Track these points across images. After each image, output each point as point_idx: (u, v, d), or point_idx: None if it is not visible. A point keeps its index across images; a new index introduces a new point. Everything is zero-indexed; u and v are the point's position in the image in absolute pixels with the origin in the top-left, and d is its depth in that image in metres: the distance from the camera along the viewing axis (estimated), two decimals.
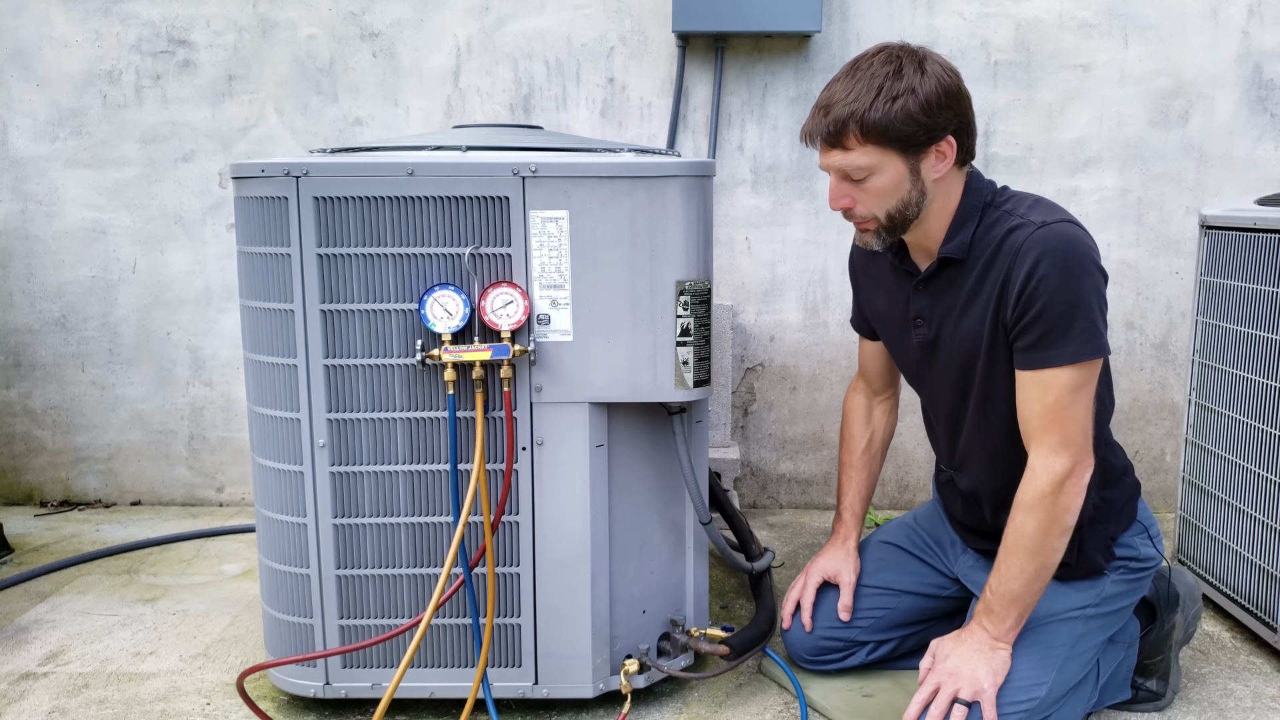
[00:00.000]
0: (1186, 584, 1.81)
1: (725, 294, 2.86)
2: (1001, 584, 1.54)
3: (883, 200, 1.52)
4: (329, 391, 1.67)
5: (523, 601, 1.74)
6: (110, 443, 2.98)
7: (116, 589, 2.38)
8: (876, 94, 1.45)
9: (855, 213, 1.54)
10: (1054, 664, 1.58)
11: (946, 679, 1.54)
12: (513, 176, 1.62)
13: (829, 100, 1.49)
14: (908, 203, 1.52)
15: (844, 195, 1.53)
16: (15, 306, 2.92)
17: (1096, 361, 1.49)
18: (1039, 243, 1.46)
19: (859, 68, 1.49)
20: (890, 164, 1.49)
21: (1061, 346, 1.46)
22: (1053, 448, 1.50)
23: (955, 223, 1.56)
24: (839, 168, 1.51)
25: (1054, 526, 1.51)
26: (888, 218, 1.53)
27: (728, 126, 2.79)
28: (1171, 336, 2.86)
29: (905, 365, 1.77)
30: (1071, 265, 1.45)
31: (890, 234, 1.56)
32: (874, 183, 1.50)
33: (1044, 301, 1.45)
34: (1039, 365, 1.48)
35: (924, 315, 1.64)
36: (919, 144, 1.48)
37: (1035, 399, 1.50)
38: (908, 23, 2.73)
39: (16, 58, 2.82)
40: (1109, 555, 1.65)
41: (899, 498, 2.96)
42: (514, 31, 2.78)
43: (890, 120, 1.44)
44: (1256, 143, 2.76)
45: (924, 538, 1.90)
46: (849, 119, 1.46)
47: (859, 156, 1.48)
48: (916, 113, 1.45)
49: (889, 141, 1.46)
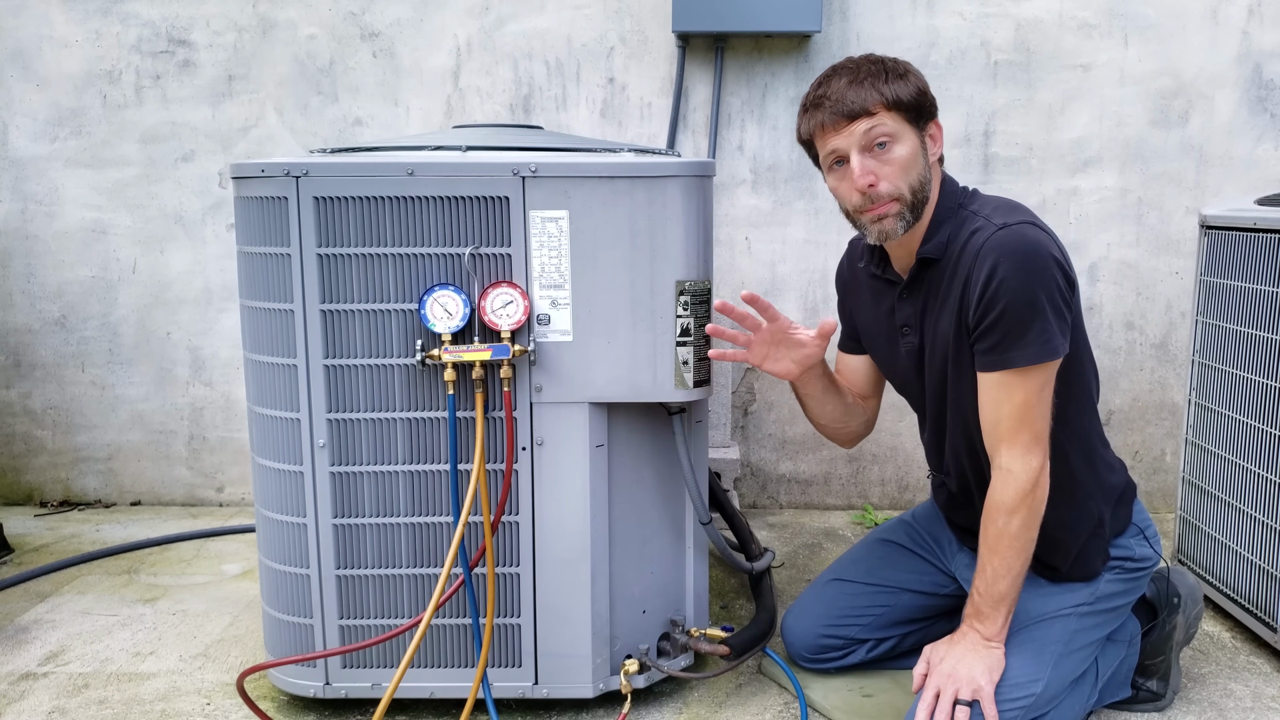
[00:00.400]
0: (1188, 585, 1.81)
1: (725, 294, 2.86)
2: (988, 585, 1.56)
3: (906, 172, 1.53)
4: (329, 391, 1.67)
5: (523, 601, 1.74)
6: (110, 443, 2.98)
7: (116, 589, 2.38)
8: (884, 72, 1.52)
9: (879, 191, 1.53)
10: (1049, 660, 1.58)
11: (945, 681, 1.55)
12: (513, 176, 1.62)
13: (829, 90, 1.53)
14: (924, 179, 1.55)
15: (867, 172, 1.52)
16: (15, 306, 2.92)
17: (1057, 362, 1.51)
18: (997, 245, 1.47)
19: (844, 66, 1.55)
20: (908, 134, 1.53)
21: (1022, 348, 1.47)
22: (1026, 446, 1.51)
23: (934, 222, 1.59)
24: (864, 134, 1.51)
25: (1034, 521, 1.54)
26: (911, 192, 1.54)
27: (728, 126, 2.79)
28: (1171, 336, 2.86)
29: (895, 377, 1.78)
30: (1031, 267, 1.45)
31: (913, 213, 1.55)
32: (897, 151, 1.52)
33: (1004, 304, 1.46)
34: (1001, 366, 1.50)
35: (910, 323, 1.66)
36: (925, 116, 1.55)
37: (1003, 400, 1.51)
38: (908, 23, 2.73)
39: (16, 58, 2.82)
40: (1105, 558, 1.66)
41: (899, 498, 2.96)
42: (514, 31, 2.78)
43: (906, 90, 1.52)
44: (1256, 143, 2.76)
45: (923, 535, 1.90)
46: (871, 90, 1.51)
47: (885, 119, 1.51)
48: (919, 84, 1.54)
49: (905, 109, 1.52)
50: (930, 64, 2.75)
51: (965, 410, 1.60)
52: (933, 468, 1.82)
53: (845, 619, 1.85)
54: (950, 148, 2.77)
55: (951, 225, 1.58)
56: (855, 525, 2.81)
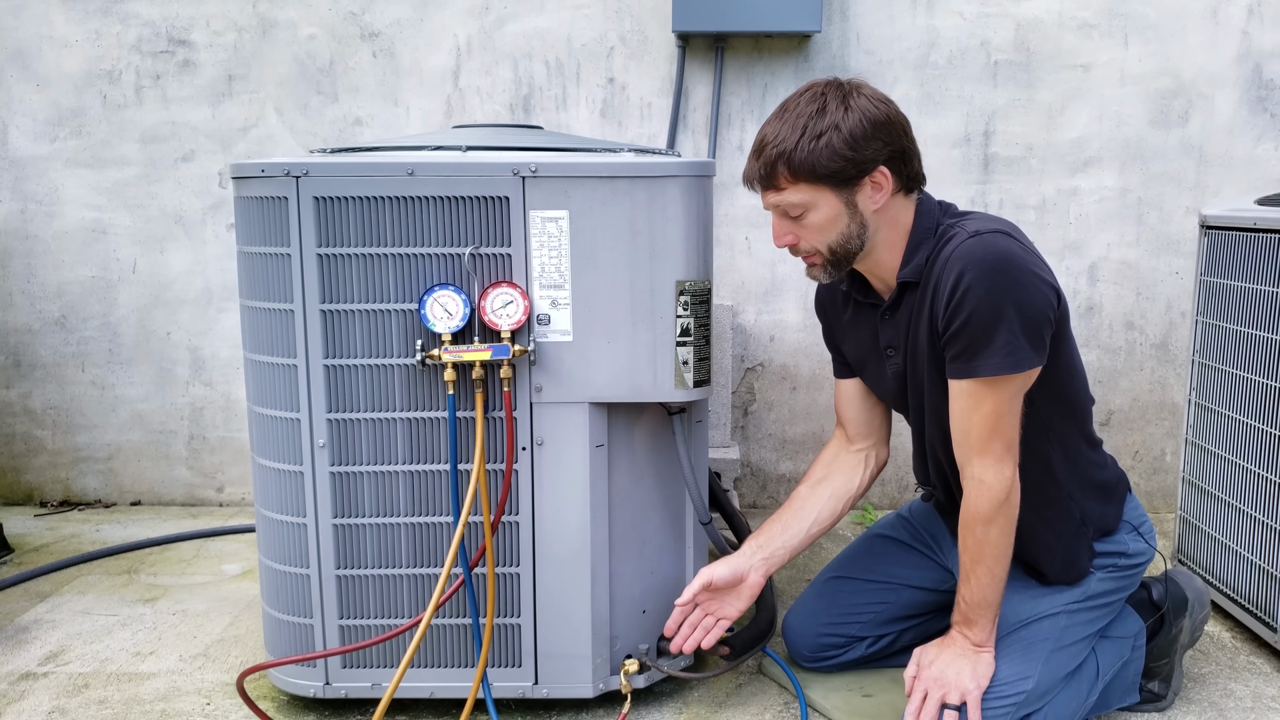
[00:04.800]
0: (1196, 589, 1.81)
1: (725, 294, 2.86)
2: (974, 594, 1.56)
3: (823, 234, 1.53)
4: (329, 391, 1.67)
5: (522, 601, 1.74)
6: (110, 443, 2.98)
7: (116, 589, 2.38)
8: (801, 134, 1.47)
9: (799, 248, 1.57)
10: (1039, 657, 1.59)
11: (933, 685, 1.56)
12: (513, 176, 1.62)
13: (761, 142, 1.52)
14: (848, 235, 1.54)
15: (786, 232, 1.56)
16: (15, 306, 2.92)
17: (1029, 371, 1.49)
18: (965, 254, 1.46)
19: (787, 108, 1.52)
20: (823, 199, 1.50)
21: (986, 357, 1.46)
22: (999, 456, 1.51)
23: (910, 248, 1.57)
24: (775, 206, 1.54)
25: (1011, 527, 1.55)
26: (830, 251, 1.55)
27: (728, 126, 2.79)
28: (1171, 336, 2.86)
29: (885, 398, 1.78)
30: (999, 275, 1.44)
31: (836, 268, 1.58)
32: (811, 219, 1.52)
33: (969, 311, 1.45)
34: (967, 375, 1.49)
35: (894, 344, 1.65)
36: (849, 178, 1.49)
37: (971, 409, 1.50)
38: (908, 23, 2.73)
39: (16, 58, 2.82)
40: (1091, 555, 1.67)
41: (899, 498, 2.96)
42: (514, 31, 2.78)
43: (816, 158, 1.47)
44: (1256, 143, 2.76)
45: (920, 531, 1.91)
46: (777, 160, 1.48)
47: (791, 195, 1.50)
48: (841, 148, 1.46)
49: (818, 178, 1.48)
50: (930, 64, 2.75)
51: (942, 420, 1.60)
52: (920, 481, 1.82)
53: (846, 616, 1.85)
54: (950, 148, 2.77)
55: (930, 246, 1.56)
56: (855, 525, 2.81)
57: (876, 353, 1.69)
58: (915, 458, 1.78)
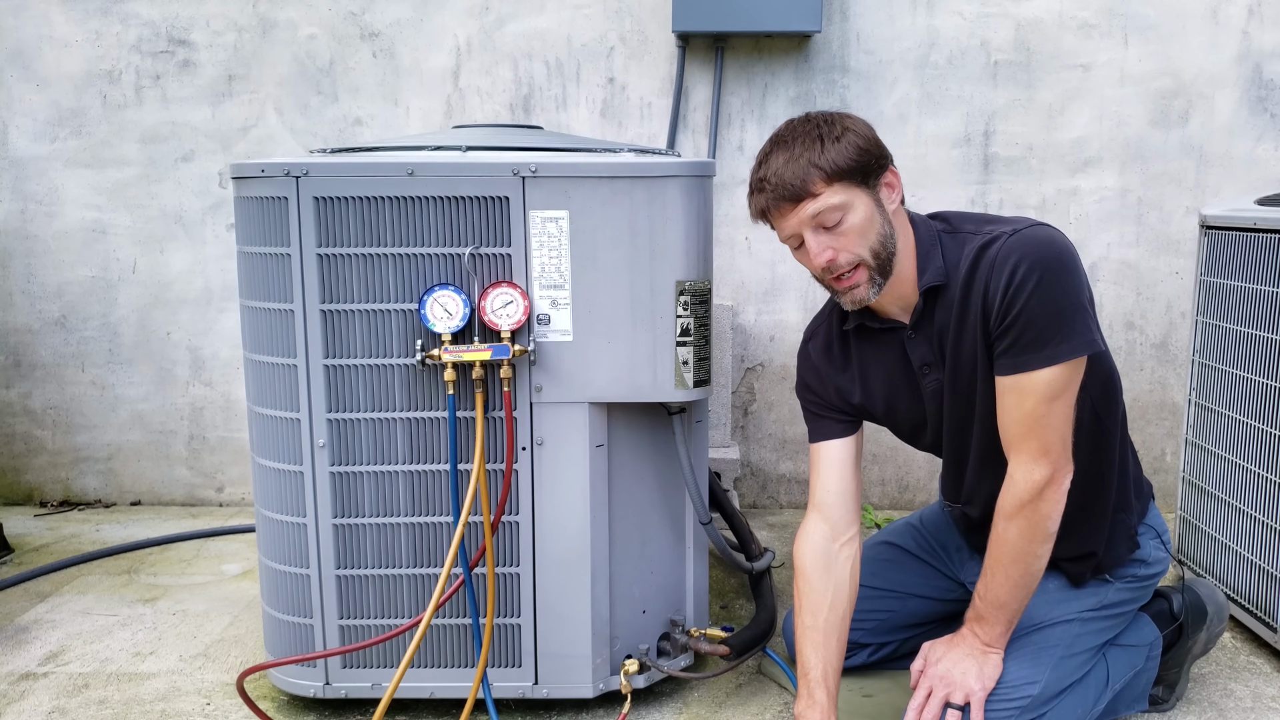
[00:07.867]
0: (1217, 603, 1.80)
1: (725, 294, 2.86)
2: (989, 591, 1.55)
3: (864, 237, 1.47)
4: (329, 391, 1.67)
5: (522, 601, 1.74)
6: (110, 443, 2.98)
7: (116, 589, 2.38)
8: (819, 141, 1.46)
9: (840, 263, 1.48)
10: (1048, 663, 1.58)
11: (938, 683, 1.55)
12: (513, 176, 1.62)
13: (768, 172, 1.48)
14: (885, 235, 1.49)
15: (824, 249, 1.47)
16: (15, 306, 2.92)
17: (1075, 365, 1.46)
18: (1015, 248, 1.45)
19: (782, 139, 1.49)
20: (858, 199, 1.47)
21: (1036, 350, 1.45)
22: (1032, 456, 1.48)
23: (921, 256, 1.54)
24: (812, 216, 1.46)
25: (1036, 534, 1.50)
26: (874, 256, 1.48)
27: (728, 126, 2.79)
28: (1171, 336, 2.86)
29: (917, 431, 1.69)
30: (1051, 266, 1.43)
31: (881, 275, 1.50)
32: (850, 221, 1.47)
33: (1023, 304, 1.43)
34: (1016, 370, 1.46)
35: (929, 360, 1.58)
36: (874, 172, 1.48)
37: (1014, 405, 1.48)
38: (908, 23, 2.73)
39: (16, 58, 2.82)
40: (1133, 546, 1.65)
41: (899, 498, 2.96)
42: (514, 31, 2.78)
43: (844, 154, 1.45)
44: (1256, 143, 2.76)
45: (929, 541, 1.89)
46: (809, 167, 1.45)
47: (829, 196, 1.45)
48: (861, 143, 1.47)
49: (850, 175, 1.46)
50: (930, 64, 2.75)
51: (994, 426, 1.55)
52: (950, 499, 1.75)
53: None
54: (950, 148, 2.77)
55: (941, 250, 1.53)
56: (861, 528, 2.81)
57: (908, 378, 1.62)
58: (947, 477, 1.72)
